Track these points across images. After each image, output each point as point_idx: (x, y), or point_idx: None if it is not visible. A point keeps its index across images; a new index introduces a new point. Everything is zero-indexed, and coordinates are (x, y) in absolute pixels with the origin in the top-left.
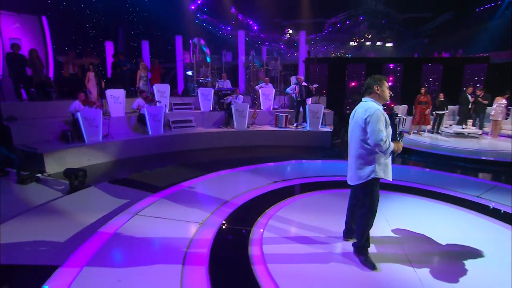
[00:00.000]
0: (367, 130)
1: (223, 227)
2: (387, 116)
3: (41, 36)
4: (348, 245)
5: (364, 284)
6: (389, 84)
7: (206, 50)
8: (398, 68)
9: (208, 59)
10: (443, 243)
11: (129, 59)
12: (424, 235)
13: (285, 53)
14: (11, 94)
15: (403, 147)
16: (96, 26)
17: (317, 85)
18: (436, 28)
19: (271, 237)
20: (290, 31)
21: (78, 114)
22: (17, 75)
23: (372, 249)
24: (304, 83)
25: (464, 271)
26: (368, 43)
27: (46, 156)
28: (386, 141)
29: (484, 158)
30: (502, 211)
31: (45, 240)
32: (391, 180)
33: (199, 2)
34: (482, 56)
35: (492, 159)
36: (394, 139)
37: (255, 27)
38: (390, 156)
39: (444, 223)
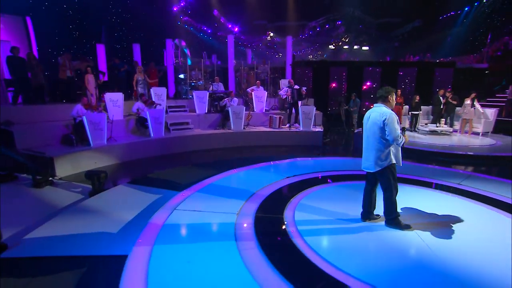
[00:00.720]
0: (386, 129)
1: (258, 214)
2: (397, 117)
3: (26, 37)
4: (366, 222)
5: (384, 248)
6: (368, 84)
7: (187, 52)
8: (377, 70)
9: (189, 61)
10: (435, 218)
11: (123, 61)
12: (421, 212)
13: (266, 55)
14: (3, 97)
15: None
16: (82, 27)
17: (305, 88)
18: (406, 33)
19: (301, 219)
20: (271, 34)
21: (84, 118)
22: (18, 79)
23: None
24: (295, 87)
25: (452, 233)
26: (346, 47)
27: (56, 160)
28: (401, 136)
29: (456, 152)
30: (479, 194)
31: (100, 232)
32: (401, 165)
33: (182, 4)
34: (449, 61)
35: (463, 153)
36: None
37: (236, 29)
38: (400, 147)
39: (434, 204)
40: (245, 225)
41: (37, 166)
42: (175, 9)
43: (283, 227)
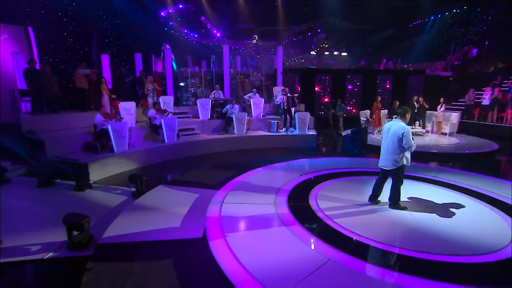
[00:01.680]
0: (403, 140)
1: (290, 203)
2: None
3: (28, 46)
4: (374, 206)
5: (388, 220)
6: (349, 88)
7: (172, 55)
8: (358, 77)
9: (175, 66)
10: (419, 202)
11: (129, 71)
12: (410, 198)
13: (253, 58)
14: (17, 107)
15: (369, 144)
16: (85, 36)
17: (297, 95)
18: (381, 40)
19: (324, 206)
20: (257, 37)
21: (109, 127)
22: (34, 89)
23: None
24: (289, 94)
25: (430, 210)
26: (326, 53)
27: (89, 166)
28: (414, 145)
29: (430, 151)
30: (449, 184)
31: (166, 223)
32: (409, 165)
33: (170, 10)
34: (420, 69)
35: (435, 151)
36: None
37: (218, 34)
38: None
39: (417, 191)
40: (283, 211)
41: (78, 172)
42: (163, 13)
43: (313, 212)
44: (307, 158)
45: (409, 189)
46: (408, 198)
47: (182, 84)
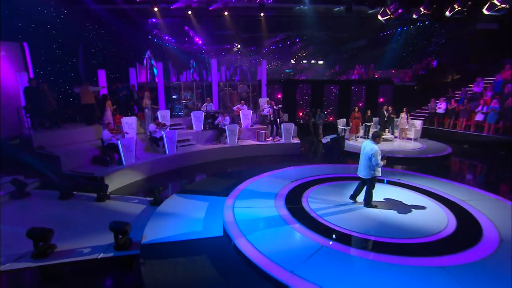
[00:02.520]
0: (372, 159)
1: (287, 206)
2: (379, 151)
3: (23, 62)
4: (352, 204)
5: (363, 216)
6: (327, 97)
7: (154, 62)
8: (336, 87)
9: (155, 71)
10: (387, 201)
11: (125, 85)
12: (381, 198)
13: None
14: (23, 123)
15: (346, 150)
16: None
17: (281, 106)
18: (355, 48)
19: (314, 207)
20: (238, 46)
21: (119, 142)
22: (34, 107)
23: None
24: (275, 107)
25: (394, 207)
26: (304, 61)
27: (105, 179)
28: (380, 163)
29: (396, 156)
30: (410, 185)
31: (189, 227)
32: (380, 175)
33: (154, 20)
34: (389, 79)
35: (402, 156)
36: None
37: (200, 42)
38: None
39: (385, 193)
40: (283, 212)
41: (99, 185)
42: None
43: (306, 212)
44: (295, 166)
45: (380, 190)
46: (380, 198)
47: (174, 96)
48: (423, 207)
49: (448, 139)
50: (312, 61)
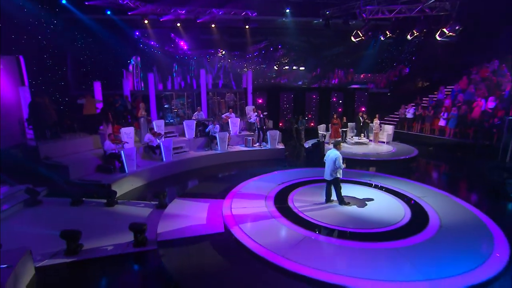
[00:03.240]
0: (336, 162)
1: (276, 205)
2: (341, 156)
3: (19, 75)
4: (328, 204)
5: (337, 212)
6: (308, 103)
7: (140, 66)
8: (316, 95)
9: (142, 75)
10: (359, 197)
11: (119, 97)
12: (354, 196)
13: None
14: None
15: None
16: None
17: (266, 113)
18: (334, 54)
19: (297, 205)
20: (223, 52)
21: (122, 152)
22: (36, 118)
23: (335, 202)
24: (261, 115)
25: (365, 204)
26: (286, 67)
27: (112, 186)
28: (342, 165)
29: (369, 159)
30: (379, 186)
31: (195, 225)
32: (341, 177)
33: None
34: (365, 87)
35: (374, 159)
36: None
37: (185, 47)
38: (341, 170)
39: (357, 192)
40: (273, 210)
41: (107, 191)
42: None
43: (292, 210)
44: (280, 170)
45: (353, 190)
46: (351, 196)
47: (166, 106)
48: (386, 203)
49: (416, 142)
50: (294, 67)
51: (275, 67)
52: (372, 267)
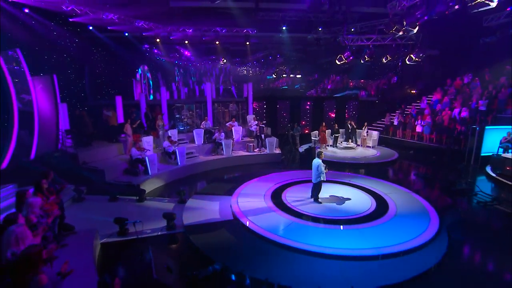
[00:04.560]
0: (318, 168)
1: (273, 200)
2: (322, 164)
3: (53, 91)
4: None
5: (319, 205)
6: (303, 111)
7: (149, 75)
8: (310, 103)
9: (151, 82)
10: (337, 194)
11: (138, 109)
12: (331, 195)
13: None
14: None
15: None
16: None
17: (265, 122)
18: (329, 61)
19: (289, 200)
20: (225, 60)
21: (146, 158)
22: (76, 129)
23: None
24: (261, 124)
25: (342, 203)
26: (284, 75)
27: (140, 185)
28: (323, 172)
29: (355, 162)
30: (356, 185)
31: (213, 218)
32: (325, 180)
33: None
34: (355, 96)
35: (360, 162)
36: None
37: (188, 54)
38: (324, 174)
39: (336, 190)
40: (271, 205)
41: (137, 190)
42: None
43: (285, 204)
44: (277, 172)
45: (330, 189)
46: (333, 193)
47: (177, 116)
48: (358, 198)
49: (398, 147)
50: (291, 75)
51: (274, 75)
52: (339, 241)
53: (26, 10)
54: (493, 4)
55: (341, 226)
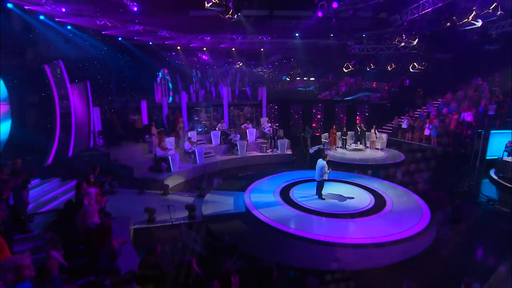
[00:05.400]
0: (323, 169)
1: (281, 196)
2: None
3: (86, 96)
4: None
5: (323, 201)
6: (314, 114)
7: (168, 77)
8: (322, 104)
9: (170, 85)
10: (341, 191)
11: (160, 112)
12: (334, 193)
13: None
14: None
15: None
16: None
17: (277, 124)
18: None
19: (296, 196)
20: (240, 63)
21: (169, 157)
22: (107, 131)
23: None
24: (274, 126)
25: (344, 200)
26: (298, 78)
27: (164, 181)
28: (327, 172)
29: (361, 163)
30: (357, 184)
31: (230, 209)
32: (327, 178)
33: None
34: (366, 100)
35: (368, 163)
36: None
37: (205, 57)
38: (327, 174)
39: (339, 189)
40: (278, 199)
41: (161, 185)
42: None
43: (292, 199)
44: (287, 171)
45: (334, 187)
46: (337, 191)
47: (196, 118)
48: (359, 195)
49: (406, 149)
50: (305, 78)
51: (287, 78)
52: (338, 232)
53: (69, 27)
54: (478, 24)
55: (324, 218)
